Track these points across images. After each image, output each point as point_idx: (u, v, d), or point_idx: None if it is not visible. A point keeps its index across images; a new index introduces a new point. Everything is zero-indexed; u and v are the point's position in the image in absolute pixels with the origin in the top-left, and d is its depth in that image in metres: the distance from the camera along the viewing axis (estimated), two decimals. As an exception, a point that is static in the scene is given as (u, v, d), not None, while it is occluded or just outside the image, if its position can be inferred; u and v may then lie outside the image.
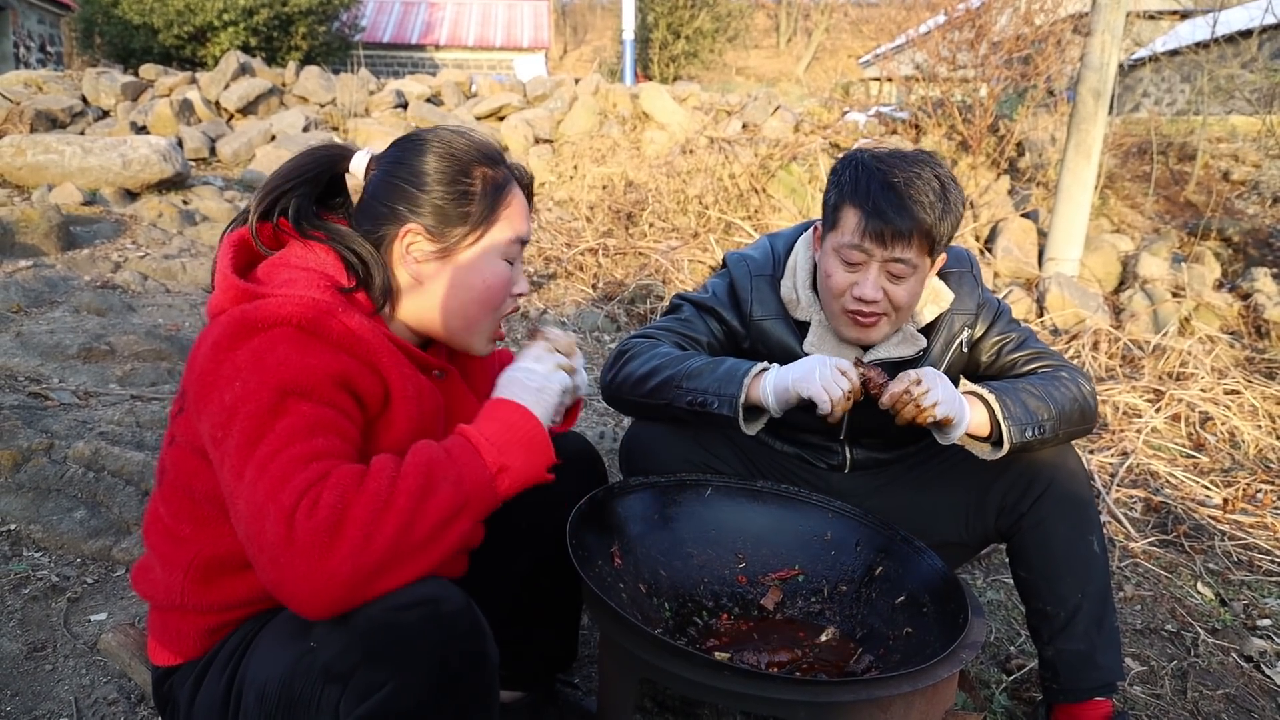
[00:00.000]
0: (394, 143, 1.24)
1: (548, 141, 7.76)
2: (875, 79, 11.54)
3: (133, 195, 5.66)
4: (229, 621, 1.12)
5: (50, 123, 7.10)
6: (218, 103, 8.03)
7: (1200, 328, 4.58)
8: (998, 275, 5.55)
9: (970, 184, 6.43)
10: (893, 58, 8.39)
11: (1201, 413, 3.61)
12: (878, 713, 1.12)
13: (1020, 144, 6.97)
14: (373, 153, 1.25)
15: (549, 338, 1.26)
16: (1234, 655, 2.08)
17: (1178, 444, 3.41)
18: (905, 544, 1.48)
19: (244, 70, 8.32)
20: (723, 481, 1.58)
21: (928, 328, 1.66)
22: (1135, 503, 2.90)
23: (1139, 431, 3.41)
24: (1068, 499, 1.54)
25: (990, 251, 5.70)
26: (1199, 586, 2.40)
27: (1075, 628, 1.55)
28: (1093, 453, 3.27)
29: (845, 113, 7.78)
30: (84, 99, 7.77)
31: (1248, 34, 7.52)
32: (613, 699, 1.29)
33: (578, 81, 8.61)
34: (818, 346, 1.63)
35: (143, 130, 7.33)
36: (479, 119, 8.06)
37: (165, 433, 1.16)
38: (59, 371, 3.05)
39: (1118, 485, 2.99)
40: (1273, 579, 2.45)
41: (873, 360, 1.63)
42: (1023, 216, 6.03)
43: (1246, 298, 5.11)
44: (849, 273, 1.52)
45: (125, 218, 5.32)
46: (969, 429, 1.47)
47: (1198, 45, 8.91)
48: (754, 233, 5.67)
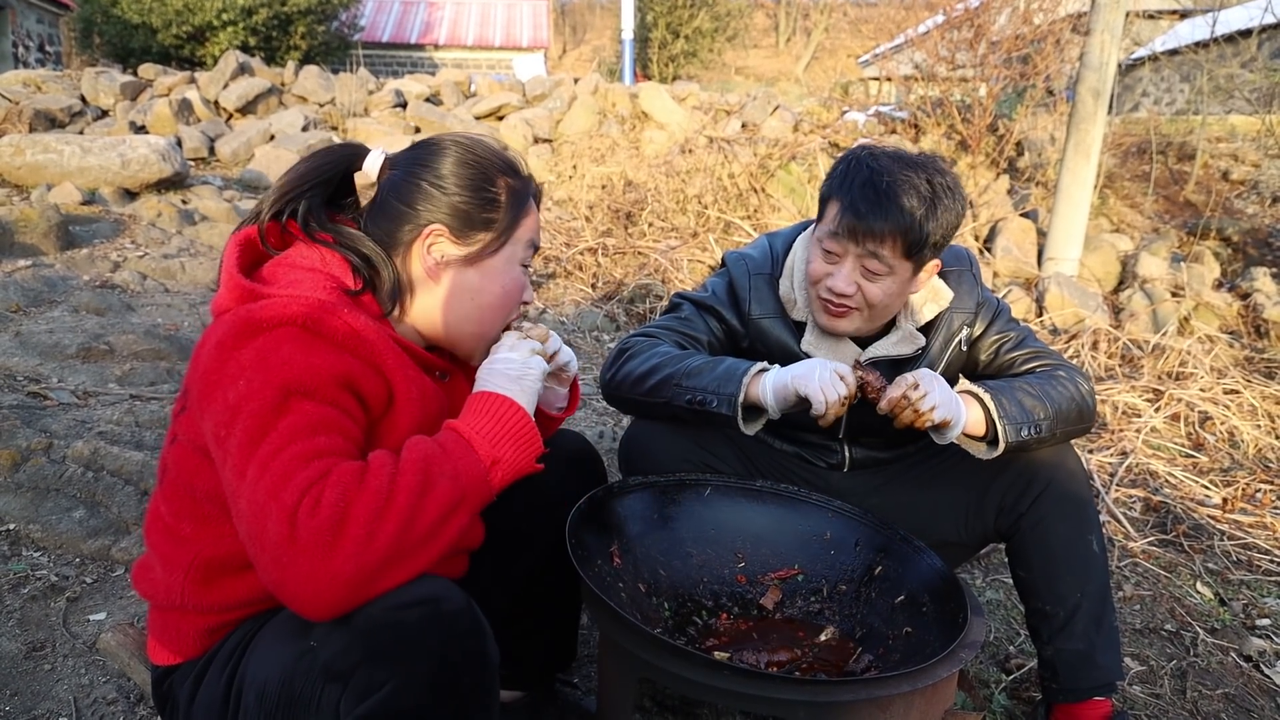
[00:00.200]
0: (412, 145, 1.24)
1: (547, 141, 7.76)
2: (874, 78, 11.56)
3: (132, 195, 5.66)
4: (229, 621, 1.12)
5: (49, 122, 7.10)
6: (217, 102, 8.03)
7: (1199, 327, 4.58)
8: (997, 275, 5.55)
9: (969, 183, 6.43)
10: (892, 57, 8.40)
11: (1201, 412, 3.62)
12: (877, 712, 1.12)
13: (1019, 143, 6.98)
14: (386, 153, 1.25)
15: (520, 327, 1.28)
16: (1233, 655, 2.08)
17: (1177, 444, 3.42)
18: (905, 543, 1.48)
19: (243, 70, 8.32)
20: (722, 481, 1.58)
21: (927, 326, 1.66)
22: (1134, 502, 2.90)
23: (1138, 431, 3.41)
24: (1067, 498, 1.54)
25: (989, 251, 5.70)
26: (1198, 586, 2.40)
27: (1074, 627, 1.56)
28: (1092, 452, 3.27)
29: (844, 112, 7.79)
30: (83, 98, 7.77)
31: (1247, 34, 7.52)
32: (612, 698, 1.29)
33: (577, 81, 8.61)
34: (815, 345, 1.64)
35: (142, 130, 7.33)
36: (478, 119, 8.06)
37: (167, 431, 1.16)
38: (58, 371, 3.05)
39: (1117, 485, 2.99)
40: (1272, 579, 2.45)
41: (871, 358, 1.63)
42: (1022, 216, 6.03)
43: (1246, 297, 5.11)
44: (826, 263, 1.55)
45: (124, 217, 5.32)
46: (965, 428, 1.47)
47: (1197, 45, 8.92)
48: (753, 232, 5.67)
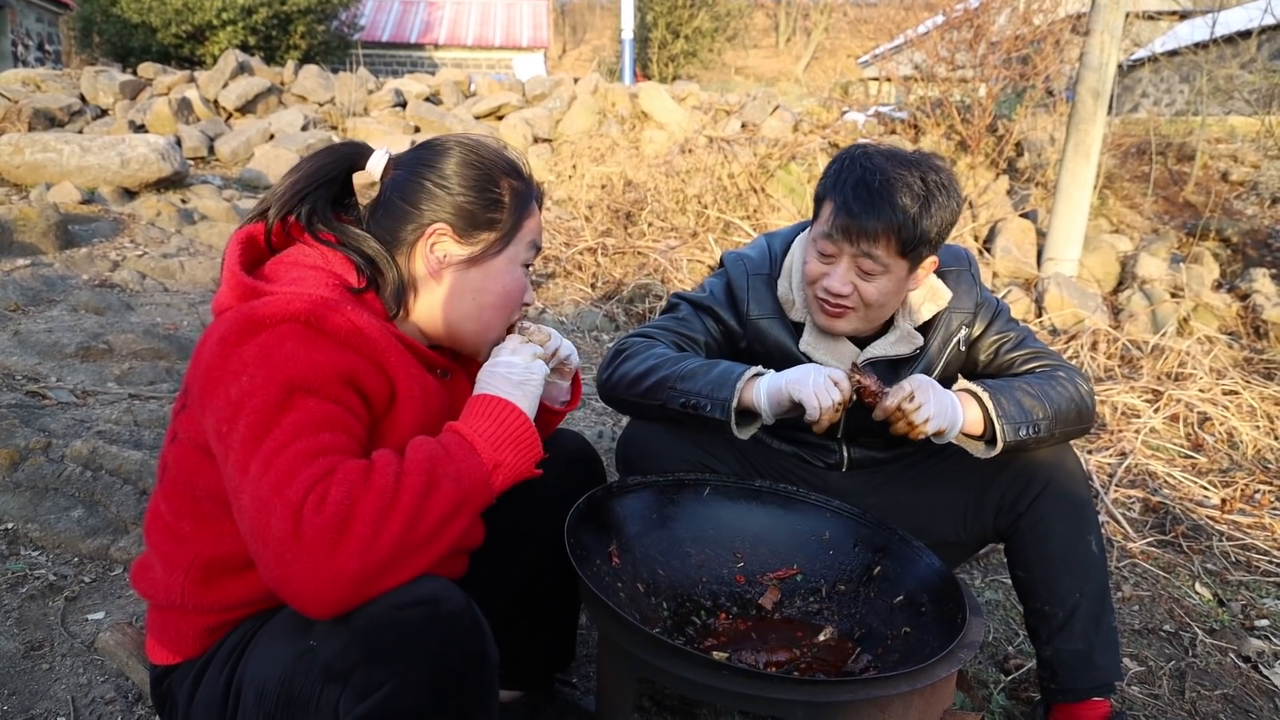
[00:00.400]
0: (417, 146, 1.25)
1: (547, 141, 7.76)
2: (874, 79, 11.56)
3: (131, 194, 5.66)
4: (229, 621, 1.12)
5: (48, 121, 7.10)
6: (216, 101, 8.03)
7: (1199, 328, 4.58)
8: (996, 275, 5.55)
9: (969, 184, 6.43)
10: (891, 58, 8.40)
11: (1200, 413, 3.62)
12: (876, 712, 1.12)
13: (1019, 144, 6.98)
14: (390, 153, 1.26)
15: (523, 330, 1.28)
16: (1232, 655, 2.08)
17: (1176, 444, 3.42)
18: (903, 543, 1.48)
19: (242, 69, 8.32)
20: (721, 481, 1.58)
21: (925, 326, 1.66)
22: (1133, 503, 2.91)
23: (1137, 432, 3.41)
24: (1066, 499, 1.54)
25: (989, 251, 5.70)
26: (1197, 587, 2.40)
27: (1073, 628, 1.56)
28: (1091, 453, 3.27)
29: (844, 112, 7.79)
30: (82, 98, 7.77)
31: (1247, 35, 7.53)
32: (611, 698, 1.29)
33: (577, 81, 8.61)
34: (814, 346, 1.63)
35: (141, 129, 7.32)
36: (478, 118, 8.05)
37: (167, 430, 1.16)
38: (57, 370, 3.05)
39: (1116, 485, 2.99)
40: (1270, 579, 2.45)
41: (869, 359, 1.63)
42: (1021, 216, 6.03)
43: (1245, 298, 5.11)
44: (821, 263, 1.55)
45: (123, 216, 5.31)
46: (963, 428, 1.47)
47: (1197, 46, 8.93)
48: (752, 232, 5.67)
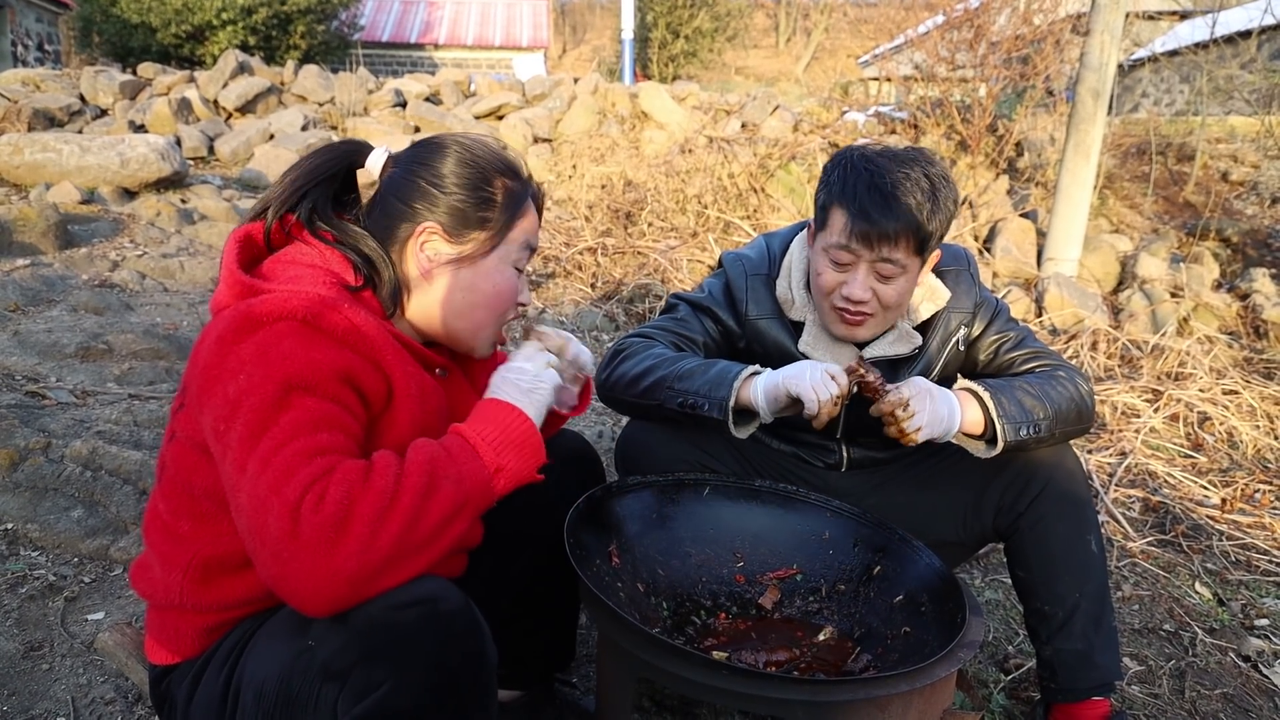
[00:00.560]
0: (414, 144, 1.25)
1: (546, 141, 7.76)
2: (874, 79, 11.55)
3: (131, 194, 5.66)
4: (227, 621, 1.12)
5: (48, 121, 7.10)
6: (216, 101, 8.03)
7: (1199, 328, 4.58)
8: (996, 275, 5.55)
9: (969, 184, 6.43)
10: (892, 58, 8.40)
11: (1200, 413, 3.62)
12: (875, 712, 1.12)
13: (1019, 144, 6.98)
14: (390, 151, 1.25)
15: (540, 336, 1.28)
16: (1232, 655, 2.08)
17: (1176, 444, 3.42)
18: (903, 543, 1.48)
19: (242, 69, 8.32)
20: (721, 481, 1.58)
21: (924, 325, 1.65)
22: (1133, 502, 2.90)
23: (1137, 431, 3.41)
24: (1066, 498, 1.54)
25: (989, 251, 5.70)
26: (1197, 586, 2.40)
27: (1073, 627, 1.55)
28: (1091, 452, 3.27)
29: (844, 112, 7.78)
30: (82, 98, 7.77)
31: (1247, 35, 7.53)
32: (611, 698, 1.29)
33: (577, 81, 8.61)
34: (813, 346, 1.63)
35: (141, 129, 7.32)
36: (478, 118, 8.05)
37: (165, 429, 1.16)
38: (56, 370, 3.05)
39: (1116, 485, 2.99)
40: (1270, 579, 2.45)
41: (869, 358, 1.62)
42: (1021, 216, 6.03)
43: (1245, 298, 5.11)
44: (838, 273, 1.53)
45: (123, 216, 5.31)
46: (963, 427, 1.47)
47: (1197, 46, 8.93)
48: (752, 232, 5.67)
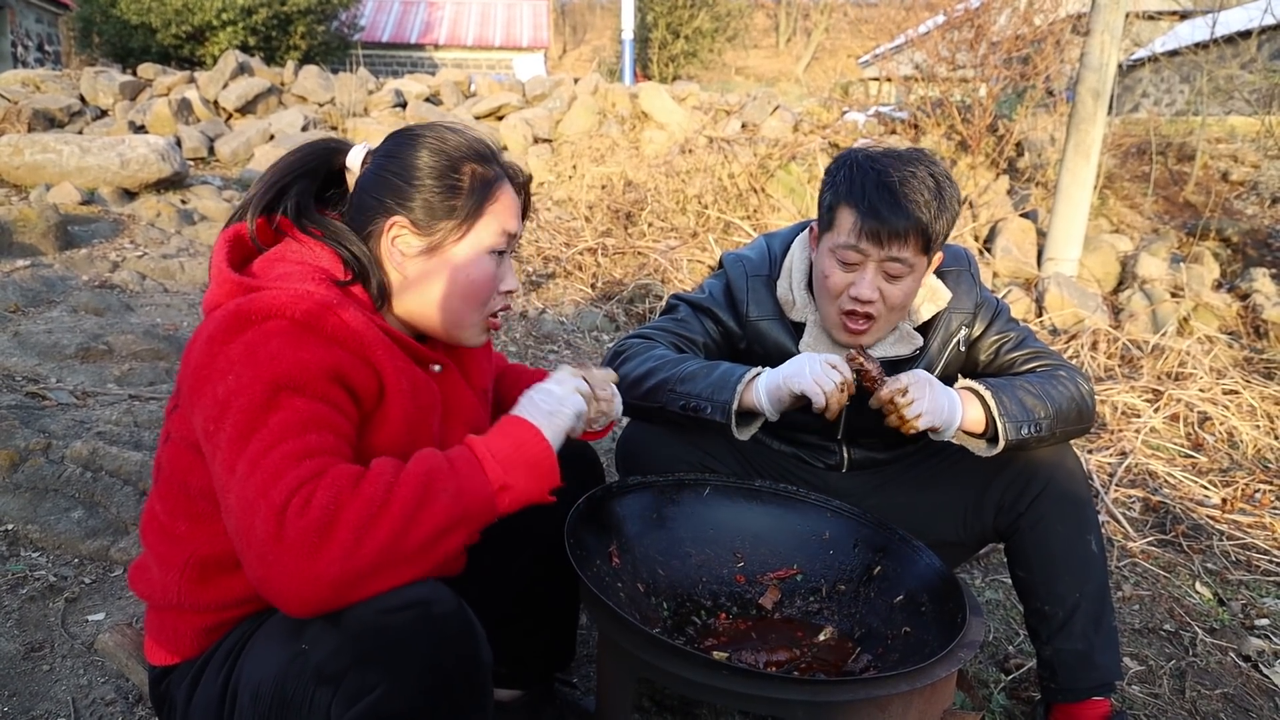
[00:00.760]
0: (388, 136, 1.23)
1: (547, 141, 7.75)
2: (874, 79, 11.55)
3: (131, 195, 5.66)
4: (226, 621, 1.11)
5: (48, 122, 7.09)
6: (216, 102, 8.02)
7: (1199, 328, 4.58)
8: (997, 275, 5.55)
9: (969, 184, 6.42)
10: (892, 58, 8.40)
11: (1200, 413, 3.62)
12: (876, 712, 1.12)
13: (1019, 144, 6.98)
14: (369, 147, 1.25)
15: (582, 367, 1.27)
16: (1232, 655, 2.08)
17: (1176, 444, 3.41)
18: (903, 543, 1.48)
19: (242, 69, 8.31)
20: (721, 481, 1.58)
21: (925, 326, 1.65)
22: (1134, 502, 2.90)
23: (1137, 431, 3.41)
24: (1066, 498, 1.54)
25: (989, 251, 5.70)
26: (1197, 586, 2.40)
27: (1073, 627, 1.55)
28: (1091, 452, 3.27)
29: (844, 112, 7.78)
30: (82, 98, 7.76)
31: (1247, 35, 7.53)
32: (611, 698, 1.29)
33: (577, 81, 8.60)
34: (813, 347, 1.63)
35: (141, 130, 7.32)
36: (478, 118, 8.05)
37: (161, 430, 1.16)
38: (56, 371, 3.04)
39: (1116, 485, 2.99)
40: (1271, 579, 2.45)
41: (869, 360, 1.62)
42: (1022, 216, 6.03)
43: (1245, 298, 5.11)
44: (846, 273, 1.52)
45: (123, 217, 5.31)
46: (964, 425, 1.47)
47: (1197, 46, 8.93)
48: (753, 232, 5.67)
